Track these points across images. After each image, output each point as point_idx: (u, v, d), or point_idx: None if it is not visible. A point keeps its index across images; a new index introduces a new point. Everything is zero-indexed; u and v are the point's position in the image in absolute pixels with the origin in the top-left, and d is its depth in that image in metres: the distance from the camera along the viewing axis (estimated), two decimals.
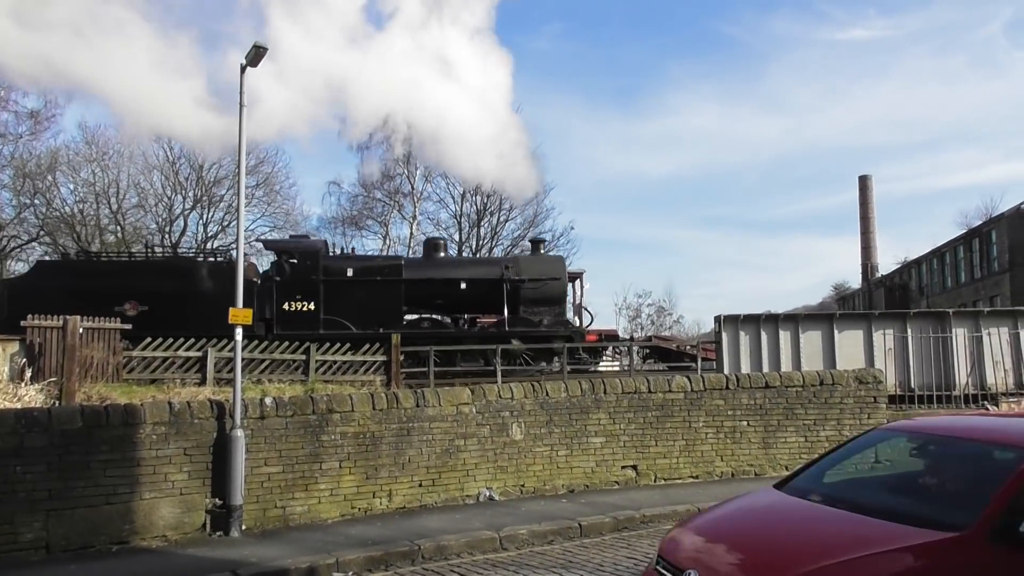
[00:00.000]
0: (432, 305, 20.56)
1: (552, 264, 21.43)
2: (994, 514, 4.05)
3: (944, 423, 6.00)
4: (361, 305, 19.15)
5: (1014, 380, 14.68)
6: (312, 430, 9.28)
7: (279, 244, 20.63)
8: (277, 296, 18.92)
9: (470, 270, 20.96)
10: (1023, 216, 38.46)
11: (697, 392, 11.48)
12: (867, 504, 4.55)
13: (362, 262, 20.55)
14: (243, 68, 9.30)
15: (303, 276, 19.05)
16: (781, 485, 5.33)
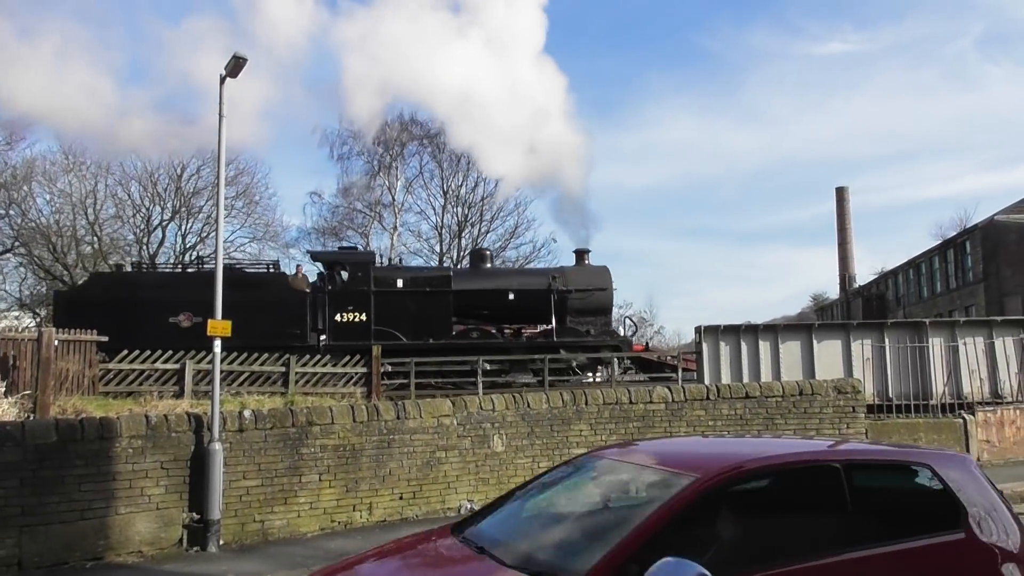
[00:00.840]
0: (479, 315, 20.61)
1: (598, 274, 21.52)
2: (611, 562, 3.26)
3: (637, 448, 5.14)
4: (411, 316, 19.23)
5: (990, 389, 14.87)
6: (291, 443, 9.20)
7: (331, 256, 20.70)
8: (329, 307, 18.93)
9: (518, 280, 21.07)
10: (996, 227, 39.06)
11: (678, 403, 11.50)
12: (516, 551, 3.77)
13: (412, 273, 20.71)
14: (222, 79, 9.26)
15: (354, 287, 19.15)
16: (464, 524, 4.54)
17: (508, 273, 21.85)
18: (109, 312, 16.92)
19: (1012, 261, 37.67)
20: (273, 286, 18.94)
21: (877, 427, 12.53)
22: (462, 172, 36.54)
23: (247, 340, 16.86)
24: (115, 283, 19.14)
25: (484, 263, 21.83)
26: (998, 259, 38.70)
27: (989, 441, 12.90)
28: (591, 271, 21.64)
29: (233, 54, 8.91)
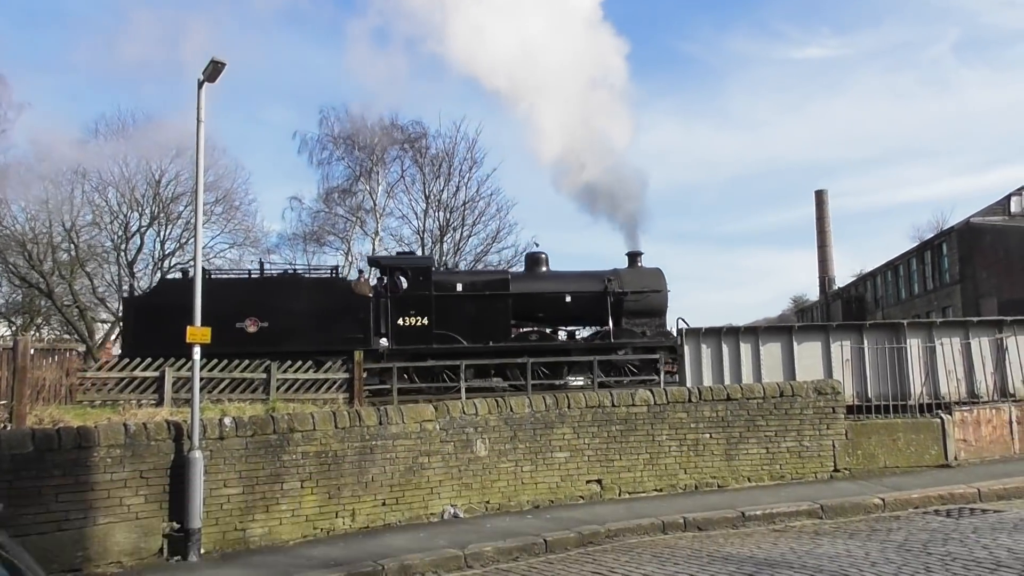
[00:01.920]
0: (535, 318, 20.84)
1: (653, 276, 21.74)
2: None
3: None
4: (471, 319, 19.57)
5: (966, 389, 15.02)
6: (273, 450, 9.13)
7: (393, 261, 20.95)
8: (392, 312, 19.18)
9: (574, 283, 21.15)
10: (972, 229, 39.56)
11: (660, 405, 11.54)
12: None
13: (471, 277, 21.10)
14: (200, 83, 9.19)
15: (416, 292, 19.42)
16: None
17: (564, 276, 21.76)
18: (177, 318, 16.91)
19: (987, 263, 38.17)
20: (337, 291, 19.23)
21: (856, 428, 12.62)
22: (443, 176, 36.51)
23: (312, 345, 18.02)
24: (183, 289, 18.80)
25: (539, 266, 22.01)
26: (974, 261, 39.21)
27: (966, 440, 13.04)
28: (645, 273, 21.89)
29: (211, 59, 8.84)
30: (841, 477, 11.97)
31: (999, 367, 15.01)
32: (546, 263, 22.17)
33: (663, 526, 9.43)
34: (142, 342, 17.35)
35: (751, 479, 11.74)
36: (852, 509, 10.07)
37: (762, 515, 9.78)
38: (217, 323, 17.41)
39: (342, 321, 18.52)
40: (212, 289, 18.67)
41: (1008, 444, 13.28)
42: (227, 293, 18.86)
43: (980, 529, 8.61)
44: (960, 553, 7.43)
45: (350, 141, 36.34)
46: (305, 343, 18.01)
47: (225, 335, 17.14)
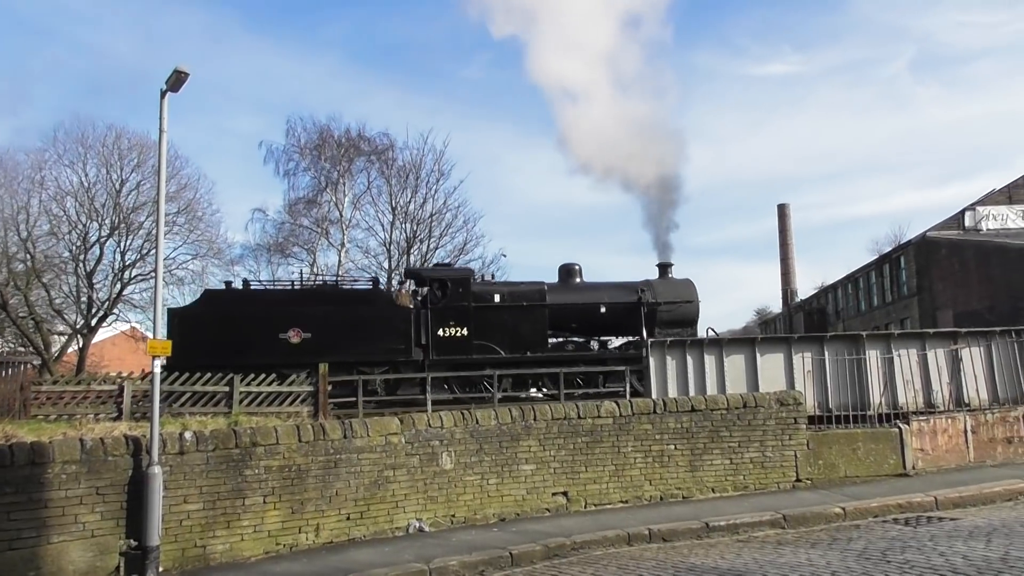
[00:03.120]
0: (569, 328, 21.00)
1: (685, 287, 21.99)
2: None
3: None
4: (509, 330, 19.78)
5: (923, 399, 15.33)
6: (235, 464, 9.00)
7: (433, 272, 20.93)
8: (432, 322, 19.32)
9: (608, 294, 21.31)
10: (928, 243, 40.49)
11: (626, 417, 11.60)
12: None
13: (509, 288, 20.91)
14: (163, 93, 9.08)
15: (456, 303, 19.56)
16: None
17: (598, 287, 21.93)
18: (221, 329, 17.69)
19: (943, 276, 39.08)
20: (378, 302, 19.59)
21: (818, 438, 12.81)
22: (411, 188, 36.40)
23: (354, 355, 18.37)
24: (226, 300, 19.41)
25: (573, 277, 22.15)
26: (930, 274, 40.12)
27: (923, 450, 13.30)
28: (677, 284, 22.15)
29: (175, 68, 8.74)
30: (803, 487, 12.13)
31: (954, 378, 15.36)
32: (580, 274, 22.34)
33: (629, 538, 9.46)
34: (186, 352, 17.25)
35: (715, 490, 11.84)
36: (814, 519, 10.21)
37: (726, 526, 9.87)
38: (260, 333, 18.26)
39: (383, 332, 18.85)
40: (256, 299, 19.64)
41: (963, 453, 13.58)
42: (271, 304, 19.25)
43: (937, 537, 8.78)
44: (918, 561, 7.57)
45: (316, 151, 36.09)
46: (347, 354, 18.30)
47: (269, 345, 17.98)
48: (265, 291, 21.19)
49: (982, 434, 13.76)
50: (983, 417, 13.95)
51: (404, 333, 18.96)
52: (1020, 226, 38.54)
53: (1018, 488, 11.39)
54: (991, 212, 39.40)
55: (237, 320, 18.12)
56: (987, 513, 10.21)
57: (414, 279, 21.01)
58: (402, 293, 20.26)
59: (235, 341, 17.72)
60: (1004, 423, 13.99)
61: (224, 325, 17.94)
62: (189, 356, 17.07)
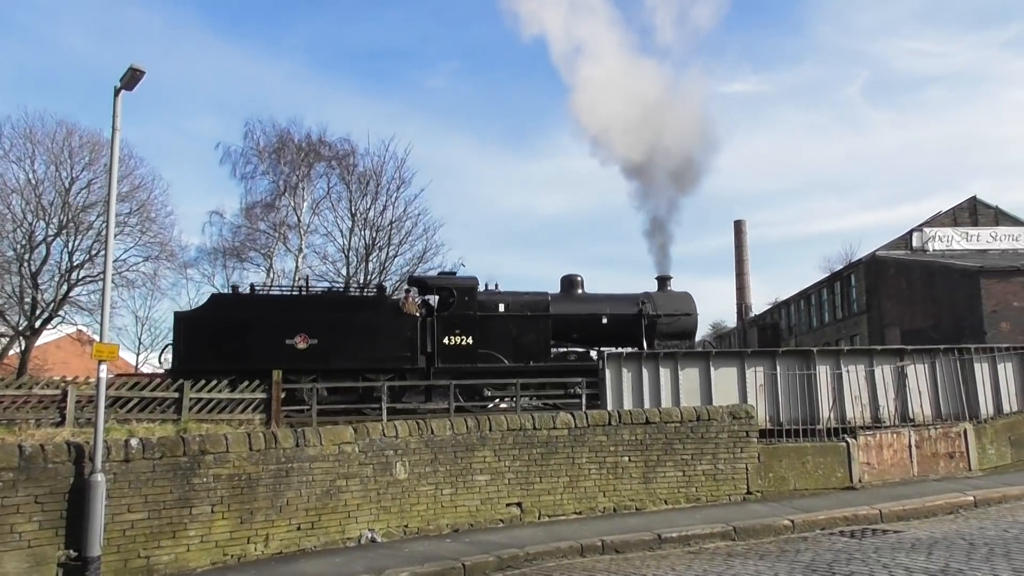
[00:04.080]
0: (571, 339, 21.10)
1: (683, 300, 22.31)
2: None
3: None
4: (513, 339, 19.90)
5: (871, 414, 15.70)
6: (183, 473, 8.80)
7: (439, 281, 20.97)
8: (437, 331, 19.46)
9: (609, 306, 21.55)
10: (878, 262, 41.56)
11: (581, 428, 11.65)
12: None
13: (513, 297, 20.91)
14: (117, 91, 8.89)
15: (461, 311, 19.71)
16: None
17: (599, 299, 22.17)
18: (228, 333, 17.80)
19: (891, 294, 40.14)
20: (385, 310, 19.55)
21: (768, 451, 13.01)
22: (371, 195, 36.16)
23: (360, 362, 18.48)
24: (233, 304, 19.40)
25: (575, 288, 22.31)
26: (879, 292, 41.17)
27: (869, 463, 13.60)
28: (676, 296, 22.52)
29: (130, 66, 8.57)
30: (753, 499, 12.30)
31: (900, 393, 15.76)
32: (581, 285, 22.53)
33: (582, 549, 9.48)
34: (191, 356, 17.67)
35: (668, 501, 11.94)
36: (763, 531, 10.35)
37: (678, 537, 9.95)
38: (267, 338, 18.20)
39: (389, 339, 18.99)
40: (263, 304, 19.52)
41: (907, 467, 13.92)
42: (278, 309, 19.21)
43: (881, 549, 8.97)
44: (862, 573, 7.73)
45: (276, 155, 35.64)
46: (353, 360, 18.49)
47: (275, 350, 17.98)
48: (272, 296, 21.25)
49: (925, 449, 14.12)
50: (927, 432, 14.32)
51: (410, 341, 19.14)
52: (964, 248, 39.78)
53: (959, 502, 11.71)
54: (937, 233, 40.59)
55: (244, 325, 18.11)
56: (929, 526, 10.48)
57: (418, 287, 21.08)
58: (408, 301, 20.20)
59: (241, 346, 17.77)
60: (946, 438, 14.39)
61: (230, 329, 17.95)
62: (194, 360, 17.50)
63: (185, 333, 18.05)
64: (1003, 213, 41.24)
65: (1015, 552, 8.27)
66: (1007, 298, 32.54)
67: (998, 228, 40.60)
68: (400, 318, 19.35)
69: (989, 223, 40.80)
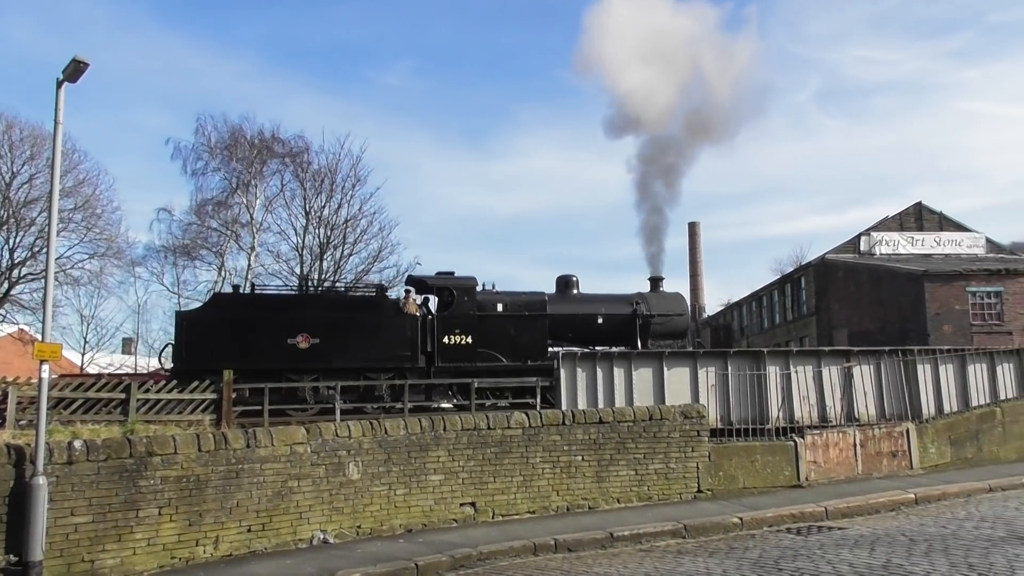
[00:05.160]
0: (566, 338, 21.16)
1: (675, 300, 22.81)
2: None
3: None
4: (511, 339, 19.93)
5: (818, 414, 16.08)
6: (129, 475, 8.62)
7: (439, 281, 20.83)
8: (437, 330, 19.56)
9: (604, 306, 21.80)
10: (827, 265, 42.55)
11: (535, 428, 11.70)
12: None
13: (511, 297, 20.96)
14: (59, 83, 8.66)
15: (461, 311, 19.81)
16: None
17: (595, 299, 22.39)
18: (230, 332, 17.78)
19: (840, 296, 41.13)
20: (386, 309, 19.59)
21: (719, 450, 13.24)
22: (325, 193, 35.77)
23: (361, 361, 18.58)
24: (235, 304, 19.39)
25: (571, 289, 22.47)
26: (828, 294, 42.16)
27: (816, 462, 13.93)
28: (669, 297, 22.88)
29: (73, 57, 8.35)
30: (704, 497, 12.50)
31: (846, 394, 16.16)
32: (577, 286, 22.73)
33: (535, 548, 9.53)
34: (192, 356, 17.56)
35: (620, 500, 12.07)
36: (713, 528, 10.53)
37: (629, 535, 10.07)
38: (268, 337, 18.13)
39: (390, 339, 19.08)
40: (265, 304, 19.47)
41: (852, 465, 14.28)
42: (280, 308, 19.14)
43: (826, 545, 9.20)
44: (807, 568, 7.92)
45: (228, 151, 35.03)
46: (354, 359, 18.58)
47: (277, 350, 18.04)
48: (274, 296, 21.26)
49: (870, 448, 14.51)
50: (871, 432, 14.72)
51: (410, 340, 19.24)
52: (910, 252, 40.94)
53: (901, 499, 12.07)
54: (884, 238, 41.71)
55: (246, 324, 18.10)
56: (872, 523, 10.78)
57: (416, 286, 21.14)
58: (409, 301, 20.25)
59: (243, 345, 17.79)
60: (890, 437, 14.80)
61: (232, 329, 17.92)
62: (196, 360, 17.44)
63: (187, 333, 17.97)
64: (947, 219, 42.56)
65: (953, 548, 8.56)
66: (950, 302, 33.61)
67: (942, 233, 41.88)
68: (401, 318, 19.47)
69: (934, 228, 42.07)
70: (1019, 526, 9.73)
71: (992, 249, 41.92)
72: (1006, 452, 16.04)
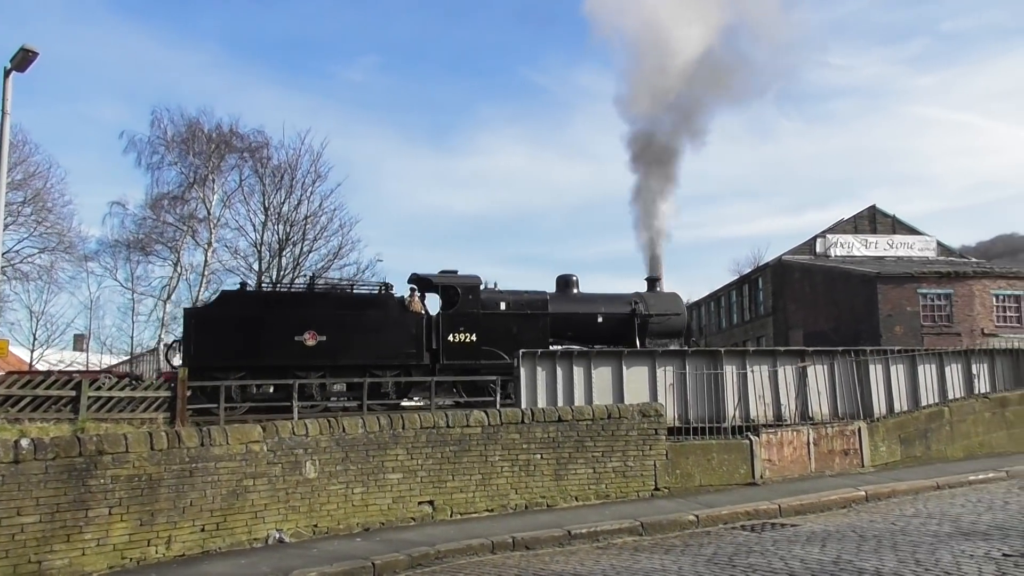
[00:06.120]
0: (567, 337, 21.37)
1: (673, 300, 23.33)
2: None
3: None
4: (513, 337, 20.01)
5: (773, 412, 16.36)
6: (78, 474, 8.42)
7: (444, 279, 20.96)
8: (443, 328, 19.82)
9: (604, 305, 22.18)
10: (784, 266, 43.31)
11: (494, 426, 11.71)
12: None
13: (514, 296, 21.17)
14: (7, 72, 8.42)
15: (466, 309, 20.13)
16: None
17: (595, 298, 22.71)
18: (238, 330, 18.02)
19: (796, 297, 41.90)
20: (392, 307, 19.81)
21: (676, 448, 13.39)
22: (285, 189, 35.35)
23: (367, 358, 18.88)
24: (243, 301, 19.60)
25: (571, 288, 22.68)
26: (784, 295, 42.91)
27: (771, 460, 14.17)
28: (666, 297, 23.36)
29: (21, 46, 8.12)
30: (661, 495, 12.63)
31: (801, 393, 16.47)
32: (576, 285, 22.90)
33: (492, 546, 9.54)
34: (201, 353, 17.76)
35: (578, 498, 12.14)
36: (669, 526, 10.66)
37: (587, 533, 10.14)
38: (276, 335, 18.28)
39: (396, 336, 19.40)
40: (273, 302, 19.84)
41: (806, 463, 14.56)
42: (287, 306, 19.40)
43: (779, 542, 9.37)
44: (760, 564, 8.06)
45: (185, 145, 34.40)
46: (361, 357, 18.88)
47: (285, 347, 18.30)
48: (281, 293, 21.60)
49: (823, 446, 14.81)
50: (824, 430, 15.02)
51: (415, 338, 19.54)
52: (864, 254, 41.85)
53: (852, 496, 12.34)
54: (839, 240, 42.60)
55: (254, 322, 18.32)
56: (824, 519, 11.00)
57: (419, 284, 21.27)
58: (414, 299, 20.40)
59: (251, 342, 18.03)
60: (842, 436, 15.12)
61: (240, 326, 18.13)
62: (205, 357, 17.72)
63: (196, 329, 18.05)
64: (900, 222, 43.64)
65: (901, 544, 8.77)
66: (901, 303, 34.47)
67: (895, 236, 42.93)
68: (406, 316, 19.70)
69: (887, 231, 43.09)
70: (965, 523, 10.01)
71: (943, 252, 43.09)
72: (953, 450, 16.48)
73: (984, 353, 18.81)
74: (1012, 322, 34.91)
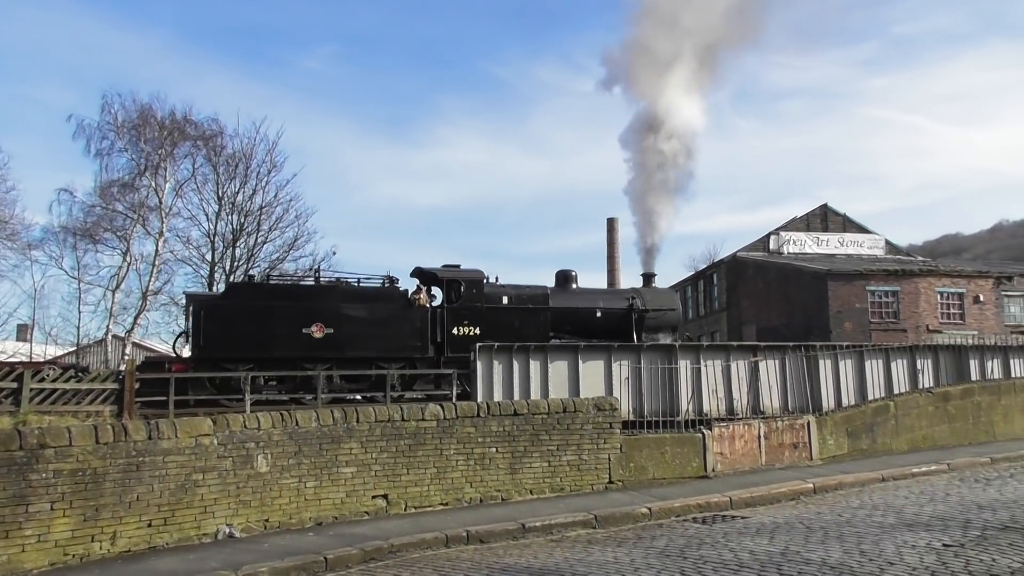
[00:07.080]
0: (566, 331, 21.42)
1: (668, 296, 24.03)
2: None
3: None
4: (515, 331, 20.11)
5: (726, 406, 16.63)
6: (18, 468, 8.18)
7: (448, 273, 20.93)
8: (447, 321, 19.92)
9: (603, 300, 22.54)
10: (738, 262, 43.98)
11: (449, 420, 11.68)
12: None
13: (516, 290, 21.31)
14: None
15: (470, 303, 20.23)
16: None
17: (593, 293, 23.08)
18: (246, 321, 18.09)
19: (749, 293, 42.59)
20: (397, 300, 19.85)
21: (630, 442, 13.51)
22: (239, 178, 34.71)
23: (374, 351, 19.05)
24: (251, 293, 19.55)
25: (570, 283, 22.87)
26: (738, 291, 43.60)
27: (722, 453, 14.39)
28: (662, 293, 23.87)
29: None
30: (615, 488, 12.74)
31: (753, 387, 16.77)
32: (575, 280, 23.13)
33: (447, 540, 9.52)
34: (211, 344, 17.80)
35: (533, 492, 12.18)
36: (622, 518, 10.75)
37: (541, 526, 10.17)
38: (284, 327, 18.22)
39: (402, 330, 19.54)
40: (281, 294, 19.83)
41: (756, 457, 14.82)
42: (295, 299, 19.41)
43: (729, 534, 9.52)
44: (711, 556, 8.17)
45: (136, 132, 33.51)
46: (367, 349, 19.07)
47: (292, 339, 18.42)
48: (289, 285, 21.75)
49: (773, 440, 15.09)
50: (774, 424, 15.30)
51: (420, 331, 19.68)
52: (815, 252, 42.71)
53: (800, 489, 12.60)
54: (792, 237, 43.40)
55: (262, 313, 18.39)
56: (773, 512, 11.21)
57: (422, 278, 21.36)
58: (421, 292, 20.43)
59: (259, 334, 18.14)
60: (792, 430, 15.42)
61: (249, 318, 18.19)
62: (214, 348, 17.76)
63: (204, 320, 18.04)
64: (850, 221, 44.63)
65: (847, 535, 8.98)
66: (851, 300, 35.27)
67: (845, 234, 43.89)
68: (412, 309, 19.80)
69: (838, 229, 44.04)
70: (908, 514, 10.29)
71: (891, 251, 44.20)
72: (898, 444, 16.94)
73: (928, 349, 19.36)
74: (955, 319, 35.98)
